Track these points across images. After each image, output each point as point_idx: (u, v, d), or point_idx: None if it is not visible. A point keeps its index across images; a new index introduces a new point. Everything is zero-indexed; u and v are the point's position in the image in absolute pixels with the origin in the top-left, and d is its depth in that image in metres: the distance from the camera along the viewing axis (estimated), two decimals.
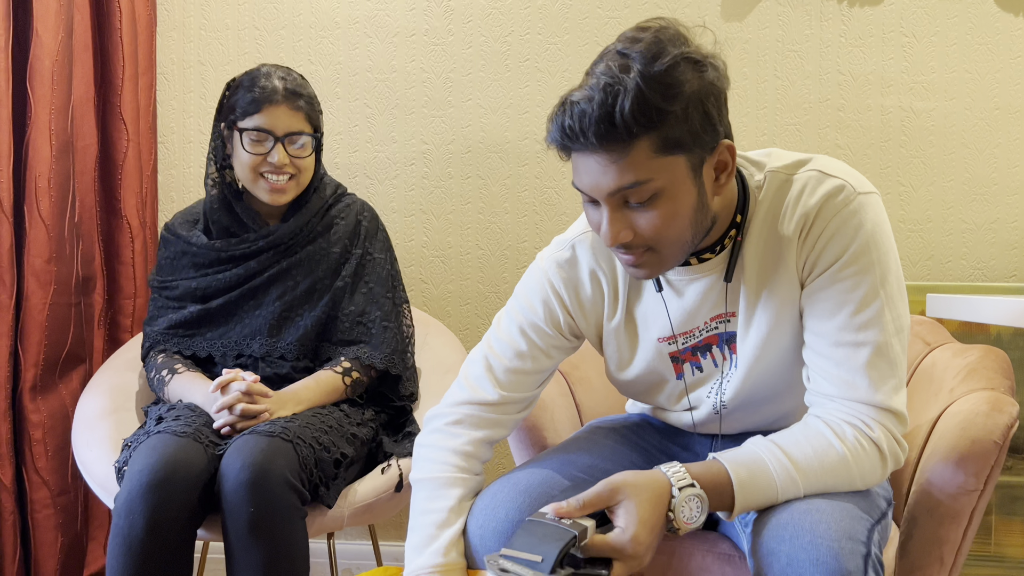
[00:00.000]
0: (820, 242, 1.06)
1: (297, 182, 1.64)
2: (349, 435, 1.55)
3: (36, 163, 1.69)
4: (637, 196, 1.00)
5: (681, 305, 1.16)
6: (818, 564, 0.94)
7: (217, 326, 1.66)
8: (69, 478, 1.76)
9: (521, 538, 0.95)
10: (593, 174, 1.00)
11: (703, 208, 1.03)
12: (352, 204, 1.75)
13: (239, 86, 1.63)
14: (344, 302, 1.68)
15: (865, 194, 1.06)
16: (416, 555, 1.13)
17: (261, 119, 1.59)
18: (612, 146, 0.97)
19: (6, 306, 1.66)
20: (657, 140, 0.97)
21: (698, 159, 1.00)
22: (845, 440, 1.03)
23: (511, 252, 2.10)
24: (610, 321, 1.21)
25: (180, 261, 1.69)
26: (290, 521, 1.37)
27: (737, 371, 1.15)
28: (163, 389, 1.63)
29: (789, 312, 1.10)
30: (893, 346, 1.04)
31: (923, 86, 1.96)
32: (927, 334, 1.52)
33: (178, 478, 1.36)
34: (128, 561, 1.34)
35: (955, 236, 1.98)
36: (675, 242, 1.03)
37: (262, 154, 1.59)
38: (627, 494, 0.98)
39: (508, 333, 1.23)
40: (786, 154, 1.12)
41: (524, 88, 2.07)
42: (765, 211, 1.09)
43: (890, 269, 1.06)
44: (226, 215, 1.68)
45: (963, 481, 1.17)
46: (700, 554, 1.22)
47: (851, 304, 1.04)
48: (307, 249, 1.68)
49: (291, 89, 1.61)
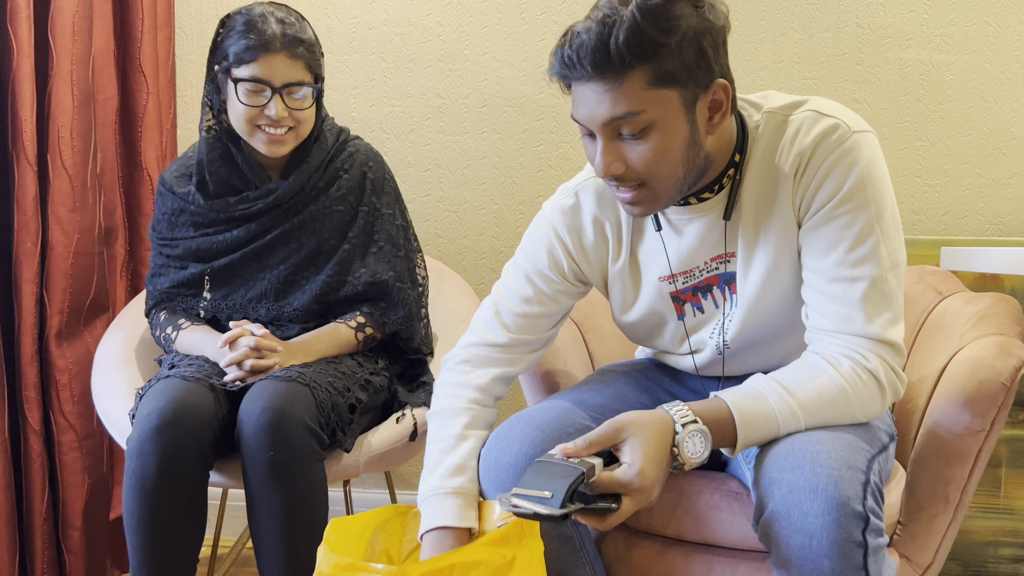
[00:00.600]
0: (816, 180, 1.07)
1: (296, 133, 1.55)
2: (363, 381, 1.56)
3: (58, 113, 1.71)
4: (630, 127, 1.02)
5: (681, 244, 1.18)
6: (817, 491, 0.96)
7: (220, 287, 1.62)
8: (95, 422, 1.81)
9: (530, 477, 0.97)
10: (588, 104, 1.02)
11: (695, 145, 1.05)
12: (356, 153, 1.66)
13: (232, 28, 1.51)
14: (354, 264, 1.62)
15: (860, 132, 1.07)
16: (423, 482, 1.18)
17: (257, 68, 1.48)
18: (607, 75, 0.99)
19: (31, 254, 1.70)
20: (651, 72, 0.99)
21: (691, 95, 1.02)
22: (843, 373, 1.04)
23: (526, 207, 2.11)
24: (615, 264, 1.24)
25: (178, 219, 1.62)
26: (309, 465, 1.38)
27: (738, 310, 1.17)
28: (170, 346, 1.62)
29: (788, 251, 1.11)
30: (888, 280, 1.06)
31: (943, 39, 1.94)
32: (939, 283, 1.52)
33: (187, 420, 1.37)
34: (142, 502, 1.36)
35: (972, 191, 1.97)
36: (667, 177, 1.05)
37: (259, 106, 1.49)
38: (632, 432, 1.00)
39: (515, 280, 1.27)
40: (782, 96, 1.14)
41: (540, 42, 2.07)
42: (762, 151, 1.11)
43: (885, 205, 1.07)
44: (225, 166, 1.59)
45: (970, 421, 1.18)
46: (708, 492, 1.24)
47: (847, 240, 1.05)
48: (310, 209, 1.61)
49: (290, 35, 1.49)
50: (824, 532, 0.95)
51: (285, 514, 1.37)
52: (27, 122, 1.67)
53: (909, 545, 1.23)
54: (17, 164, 1.68)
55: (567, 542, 1.19)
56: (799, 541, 0.97)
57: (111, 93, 1.87)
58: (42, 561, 1.74)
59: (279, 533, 1.37)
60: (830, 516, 0.95)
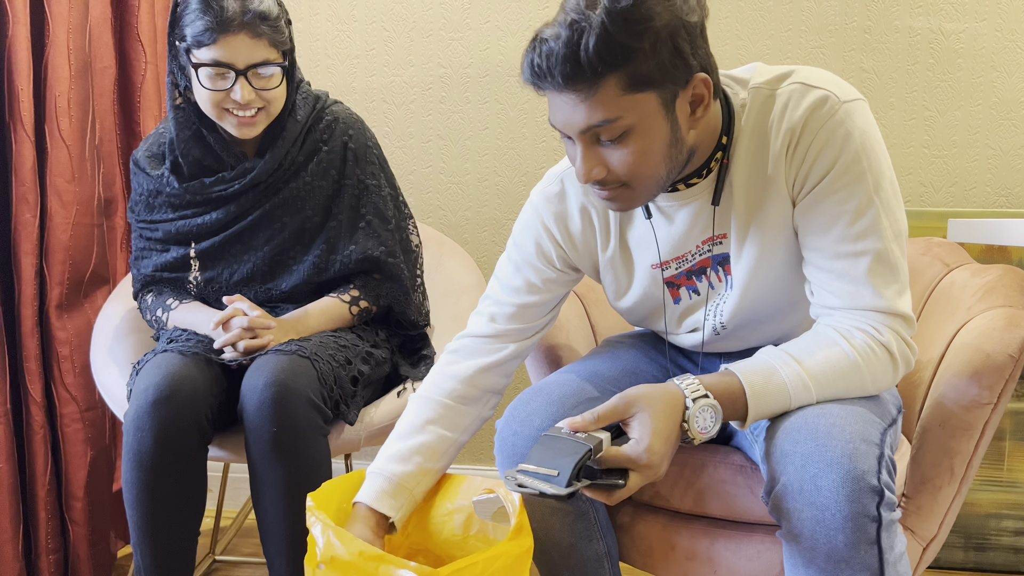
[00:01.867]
0: (809, 156, 1.04)
1: (267, 113, 1.48)
2: (364, 353, 1.55)
3: (55, 83, 1.69)
4: (608, 133, 0.99)
5: (671, 231, 1.15)
6: (832, 464, 0.95)
7: (205, 269, 1.58)
8: (96, 395, 1.80)
9: (537, 453, 0.96)
10: (564, 112, 0.99)
11: (677, 143, 1.02)
12: (334, 122, 1.58)
13: (188, 3, 1.41)
14: (342, 242, 1.58)
15: (850, 101, 1.04)
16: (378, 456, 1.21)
17: (218, 51, 1.39)
18: (579, 85, 0.96)
19: (30, 225, 1.68)
20: (625, 77, 0.95)
21: (670, 94, 0.99)
22: (855, 345, 1.03)
23: (528, 178, 2.09)
24: (604, 252, 1.22)
25: (155, 200, 1.57)
26: (312, 439, 1.38)
27: (733, 292, 1.15)
28: (162, 329, 1.60)
29: (782, 231, 1.09)
30: (893, 251, 1.04)
31: (953, 6, 1.91)
32: (946, 255, 1.51)
33: (184, 394, 1.36)
34: (141, 476, 1.35)
35: (980, 162, 1.94)
36: (648, 178, 1.03)
37: (223, 90, 1.43)
38: (641, 406, 0.98)
39: (504, 271, 1.26)
40: (768, 69, 1.09)
41: (543, 10, 2.04)
42: (750, 130, 1.07)
43: (883, 175, 1.04)
44: (197, 146, 1.53)
45: (976, 394, 1.17)
46: (712, 465, 1.24)
47: (847, 215, 1.03)
48: (290, 186, 1.55)
49: (251, 11, 1.40)
50: (838, 506, 0.95)
51: (289, 489, 1.36)
52: (24, 92, 1.65)
53: (913, 518, 1.23)
54: (15, 135, 1.66)
55: (582, 516, 1.19)
56: (812, 514, 0.96)
57: (109, 62, 1.85)
58: (45, 532, 1.74)
59: (283, 507, 1.37)
60: (845, 489, 0.94)
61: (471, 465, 2.22)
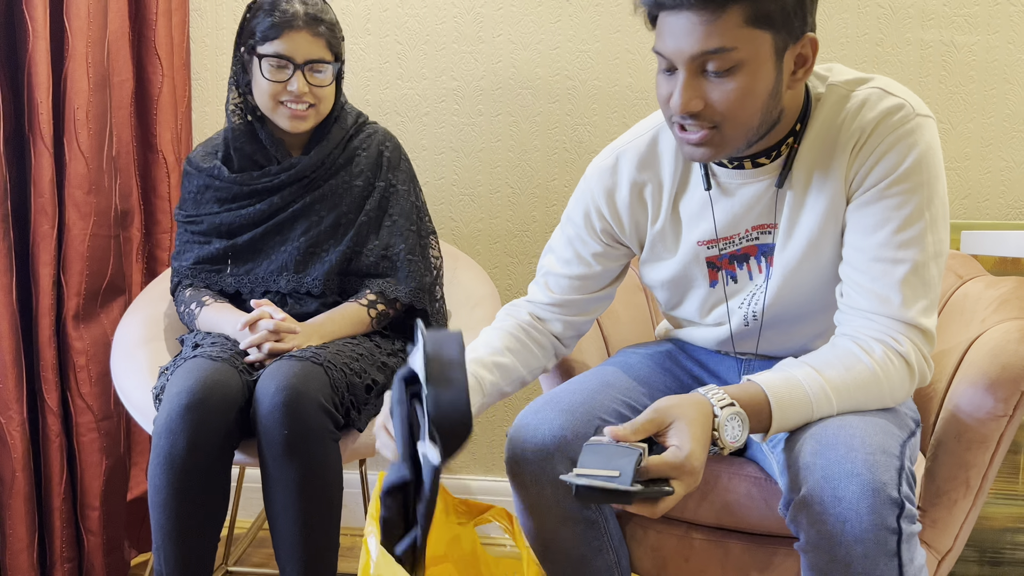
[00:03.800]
0: (873, 157, 1.06)
1: (317, 111, 1.63)
2: (380, 363, 1.58)
3: (74, 95, 1.71)
4: (718, 63, 1.00)
5: (728, 208, 1.16)
6: (853, 476, 0.95)
7: (244, 262, 1.67)
8: (112, 404, 1.82)
9: (589, 458, 0.95)
10: (679, 35, 1.00)
11: (776, 95, 1.04)
12: (374, 134, 1.73)
13: (259, 9, 1.60)
14: (369, 237, 1.68)
15: (924, 116, 1.07)
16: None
17: (281, 45, 1.57)
18: (707, 6, 0.97)
19: (48, 236, 1.70)
20: (750, 10, 0.98)
21: (783, 42, 1.01)
22: (875, 356, 1.03)
23: (541, 191, 2.10)
24: (654, 226, 1.24)
25: (203, 195, 1.69)
26: (323, 443, 1.40)
27: (772, 282, 1.16)
28: (193, 322, 1.66)
29: (832, 226, 1.10)
30: (930, 268, 1.05)
31: (965, 19, 1.91)
32: (960, 267, 1.51)
33: (215, 399, 1.40)
34: (171, 478, 1.38)
35: (993, 174, 1.94)
36: (743, 123, 1.03)
37: (282, 81, 1.58)
38: (676, 416, 0.98)
39: (558, 243, 1.32)
40: (847, 70, 1.13)
41: (556, 23, 2.05)
42: (822, 122, 1.10)
43: (937, 193, 1.06)
44: (249, 143, 1.67)
45: (992, 406, 1.17)
46: (727, 477, 1.24)
47: (895, 221, 1.04)
48: (330, 183, 1.67)
49: (312, 14, 1.58)
50: (858, 518, 0.94)
51: (300, 490, 1.39)
52: (43, 104, 1.67)
53: (929, 531, 1.23)
54: (34, 147, 1.68)
55: (592, 526, 1.18)
56: (832, 527, 0.96)
57: (126, 76, 1.87)
58: (61, 540, 1.75)
59: (294, 509, 1.39)
60: (865, 502, 0.94)
61: (482, 476, 2.23)
